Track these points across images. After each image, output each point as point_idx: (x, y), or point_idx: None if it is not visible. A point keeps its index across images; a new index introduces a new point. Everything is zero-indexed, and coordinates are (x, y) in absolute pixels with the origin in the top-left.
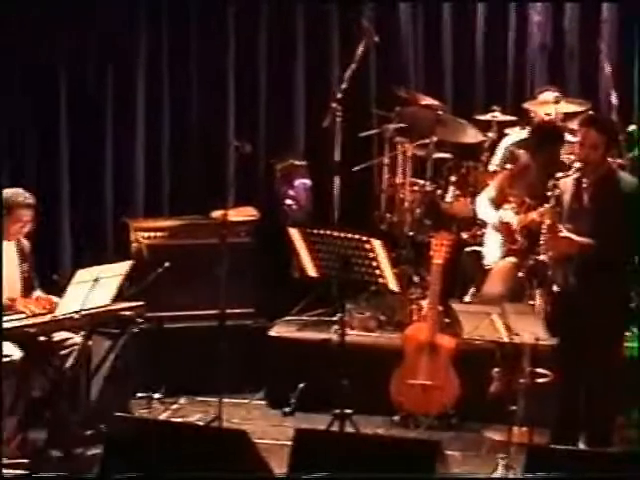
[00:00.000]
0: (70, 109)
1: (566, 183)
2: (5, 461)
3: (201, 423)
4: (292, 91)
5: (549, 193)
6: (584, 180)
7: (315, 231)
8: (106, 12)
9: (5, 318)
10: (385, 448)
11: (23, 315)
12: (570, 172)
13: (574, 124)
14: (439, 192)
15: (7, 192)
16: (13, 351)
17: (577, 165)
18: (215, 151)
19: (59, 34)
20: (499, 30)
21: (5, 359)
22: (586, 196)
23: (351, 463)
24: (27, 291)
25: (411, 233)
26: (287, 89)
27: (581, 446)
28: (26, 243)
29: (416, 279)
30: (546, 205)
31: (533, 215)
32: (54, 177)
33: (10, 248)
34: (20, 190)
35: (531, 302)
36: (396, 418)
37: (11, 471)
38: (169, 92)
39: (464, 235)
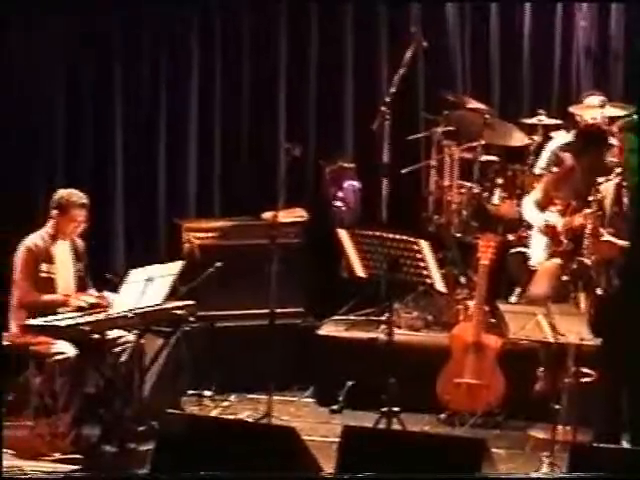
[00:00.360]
0: (124, 111)
1: (607, 187)
2: (59, 456)
3: (251, 420)
4: (342, 94)
5: (591, 198)
6: (624, 184)
7: (364, 232)
8: (159, 15)
9: (60, 316)
10: (431, 446)
11: (78, 313)
12: (611, 176)
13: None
14: (486, 194)
15: (61, 192)
16: (68, 349)
17: (618, 170)
18: (266, 153)
19: (115, 34)
20: (545, 34)
21: (60, 356)
22: (626, 200)
23: (398, 460)
24: (81, 290)
25: (458, 234)
26: (337, 92)
27: (624, 445)
28: (80, 243)
29: (463, 280)
30: (587, 210)
31: (578, 218)
32: (108, 179)
33: (65, 247)
34: (74, 190)
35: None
36: (442, 416)
37: (65, 466)
38: (221, 94)
39: (510, 237)
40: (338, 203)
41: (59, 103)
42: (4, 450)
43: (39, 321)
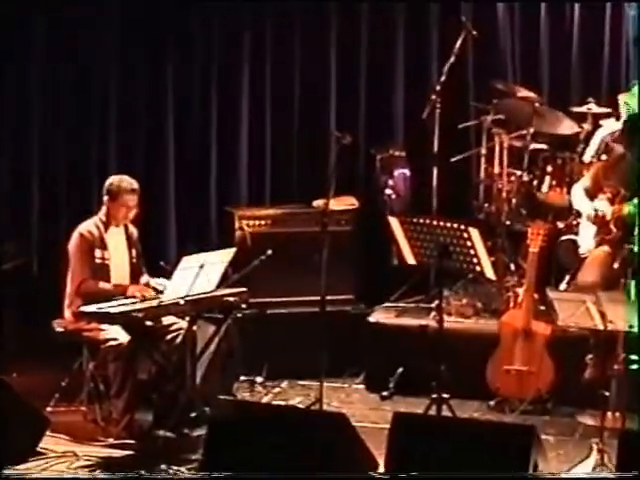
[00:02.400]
0: (176, 98)
1: None
2: (112, 441)
3: (302, 406)
4: (392, 83)
5: None
6: None
7: (414, 220)
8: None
9: (114, 303)
10: (481, 432)
11: (131, 300)
12: None
13: None
14: (535, 182)
15: (112, 178)
16: (121, 335)
17: None
18: (317, 141)
19: (167, 27)
20: (595, 22)
21: (113, 342)
22: None
23: (447, 447)
24: (135, 277)
25: (508, 222)
26: (387, 81)
27: None
28: (133, 229)
29: (512, 267)
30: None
31: (628, 206)
32: (161, 166)
33: (119, 234)
34: (124, 176)
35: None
36: (492, 403)
37: (118, 451)
38: (271, 83)
39: (559, 224)
40: (388, 191)
41: (112, 90)
42: (58, 435)
43: (92, 308)
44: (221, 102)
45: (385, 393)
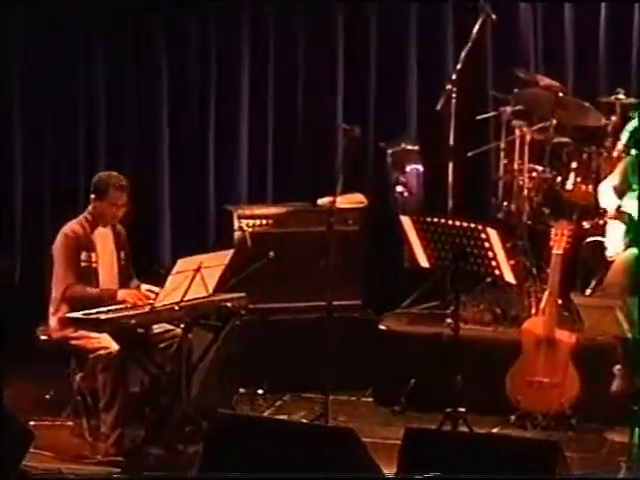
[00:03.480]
0: (171, 89)
1: None
2: (100, 458)
3: (306, 421)
4: (404, 71)
5: None
6: None
7: (427, 219)
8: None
9: (102, 309)
10: (501, 449)
11: (121, 305)
12: None
13: None
14: (559, 179)
15: (100, 175)
16: (110, 344)
17: None
18: (322, 135)
19: (162, 15)
20: (623, 9)
21: (102, 351)
22: None
23: (464, 465)
24: (124, 280)
25: (529, 222)
26: (399, 69)
27: None
28: (122, 229)
29: (534, 271)
30: None
31: None
32: (154, 161)
33: (106, 235)
34: (113, 172)
35: None
36: (512, 417)
37: (107, 469)
38: (274, 71)
39: (585, 224)
40: (400, 188)
41: (100, 80)
42: (42, 452)
43: (79, 314)
44: (219, 91)
45: (396, 407)
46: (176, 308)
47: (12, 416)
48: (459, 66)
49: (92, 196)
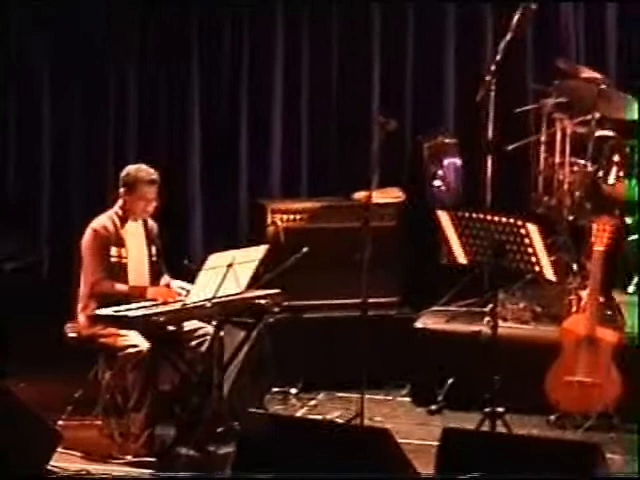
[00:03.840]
0: (202, 80)
1: None
2: (130, 459)
3: (341, 421)
4: (442, 63)
5: None
6: None
7: (466, 214)
8: None
9: (132, 306)
10: (540, 450)
11: (151, 302)
12: None
13: None
14: (601, 173)
15: (129, 168)
16: (140, 341)
17: None
18: (358, 128)
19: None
20: None
21: (132, 349)
22: None
23: (502, 467)
24: (154, 277)
25: (570, 217)
26: (436, 60)
27: None
28: (153, 224)
29: (575, 267)
30: None
31: None
32: (185, 154)
33: (137, 230)
34: (143, 165)
35: None
36: (552, 418)
37: (137, 470)
38: (309, 62)
39: (628, 220)
40: (437, 182)
41: (130, 70)
42: (71, 452)
43: (108, 311)
44: (252, 83)
45: (433, 407)
46: (208, 305)
47: (37, 416)
48: (498, 57)
49: (121, 190)
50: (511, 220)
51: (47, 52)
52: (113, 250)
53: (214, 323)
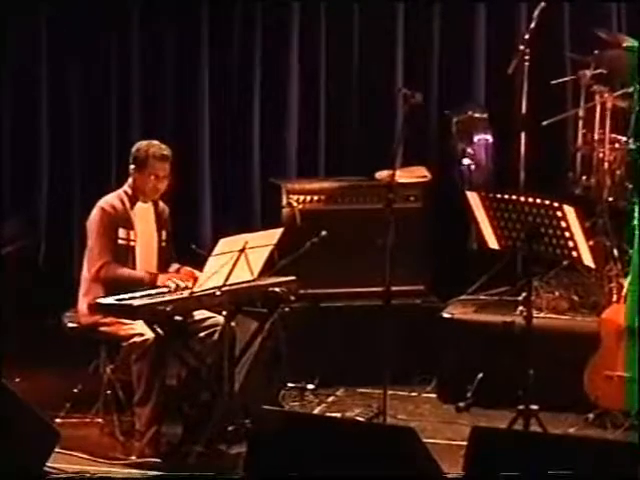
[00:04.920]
0: (213, 51)
1: None
2: (134, 459)
3: (362, 419)
4: (471, 31)
5: None
6: None
7: (497, 196)
8: None
9: (136, 294)
10: (578, 451)
11: (156, 290)
12: None
13: None
14: None
15: (140, 143)
16: (145, 331)
17: None
18: (380, 101)
19: None
20: None
21: (137, 338)
22: None
23: (537, 469)
24: (163, 263)
25: (610, 199)
26: (465, 28)
27: None
28: (164, 207)
29: (616, 253)
30: None
31: None
32: (194, 129)
33: (147, 211)
34: (154, 141)
35: None
36: (591, 416)
37: (141, 471)
38: (326, 32)
39: None
40: (467, 161)
41: (135, 37)
42: (70, 452)
43: (111, 299)
44: (266, 52)
45: (462, 404)
46: (218, 293)
47: (34, 412)
48: (533, 25)
49: (131, 167)
50: (546, 202)
51: (44, 20)
52: (121, 232)
53: (225, 313)
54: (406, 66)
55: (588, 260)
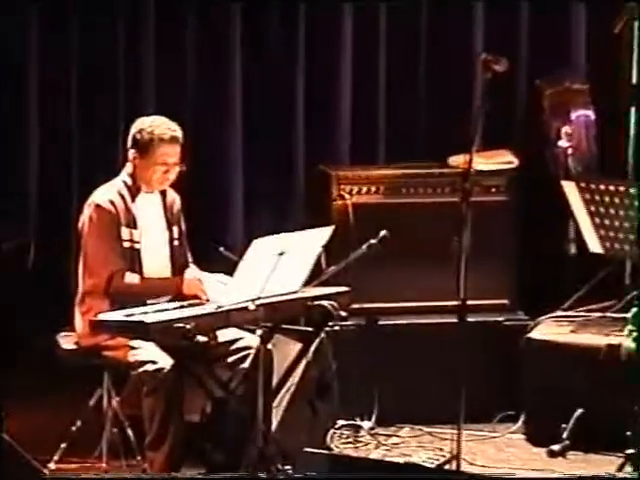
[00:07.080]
0: (245, 15)
1: None
2: None
3: (431, 464)
4: None
5: None
6: None
7: (601, 186)
8: None
9: (148, 308)
10: None
11: (173, 304)
12: None
13: None
14: None
15: (142, 121)
16: (160, 356)
17: None
18: (454, 69)
19: None
20: None
21: (149, 367)
22: None
23: None
24: (177, 266)
25: None
26: None
27: None
28: (175, 197)
29: None
30: None
31: None
32: (220, 104)
33: (153, 204)
34: (161, 118)
35: None
36: None
37: None
38: None
39: None
40: (563, 143)
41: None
42: None
43: (117, 315)
44: (311, 22)
45: (556, 447)
46: (251, 308)
47: (19, 455)
48: None
49: (131, 152)
50: None
51: None
52: (124, 232)
53: (259, 332)
54: (487, 26)
55: None
